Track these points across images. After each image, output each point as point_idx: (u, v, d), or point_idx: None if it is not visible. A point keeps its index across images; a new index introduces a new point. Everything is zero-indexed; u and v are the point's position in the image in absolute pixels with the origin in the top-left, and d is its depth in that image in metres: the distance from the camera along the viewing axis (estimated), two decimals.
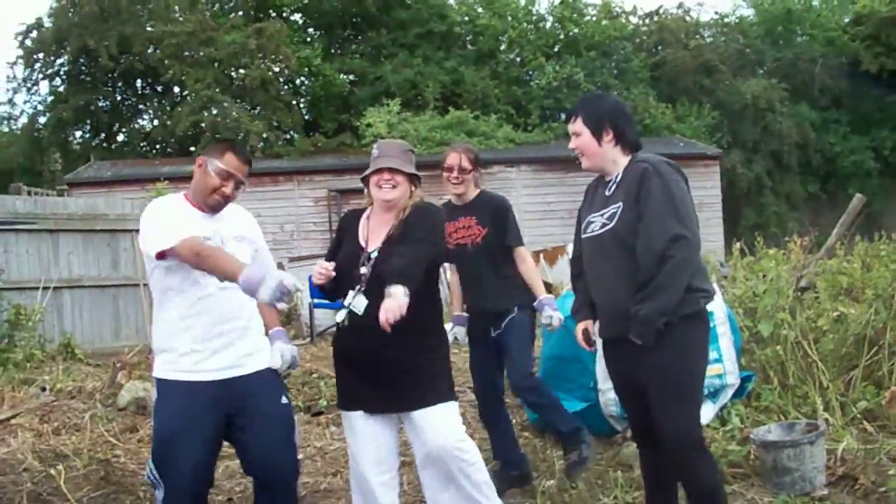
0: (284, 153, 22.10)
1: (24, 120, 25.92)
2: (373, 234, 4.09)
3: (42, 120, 25.17)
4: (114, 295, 11.98)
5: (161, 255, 3.68)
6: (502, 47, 27.02)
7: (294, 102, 25.50)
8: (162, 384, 3.87)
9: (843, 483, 4.83)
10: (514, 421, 5.86)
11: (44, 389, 7.94)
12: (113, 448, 6.20)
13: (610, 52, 26.56)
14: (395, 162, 4.05)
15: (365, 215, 4.19)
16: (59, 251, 11.54)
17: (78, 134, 26.40)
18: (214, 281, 3.72)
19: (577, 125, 3.84)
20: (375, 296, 3.76)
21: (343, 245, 4.16)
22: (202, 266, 3.61)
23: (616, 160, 3.82)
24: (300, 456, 6.10)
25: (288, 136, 24.34)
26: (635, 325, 3.58)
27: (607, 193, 3.82)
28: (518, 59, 26.82)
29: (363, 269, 3.97)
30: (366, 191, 4.20)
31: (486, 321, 5.13)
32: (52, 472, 5.43)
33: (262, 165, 19.47)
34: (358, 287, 3.93)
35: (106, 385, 8.02)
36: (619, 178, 3.79)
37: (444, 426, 3.98)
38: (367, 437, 4.06)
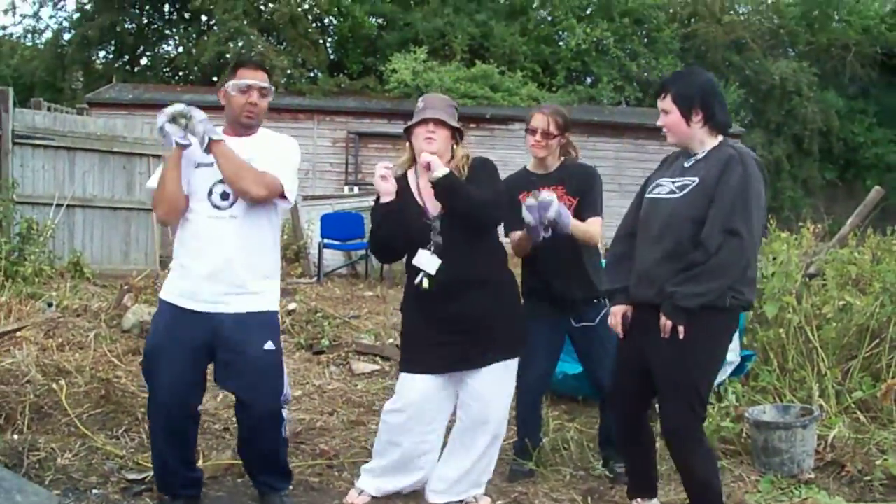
0: (307, 91, 22.00)
1: (48, 35, 25.80)
2: (428, 193, 4.16)
3: (66, 37, 25.02)
4: (126, 217, 12.01)
5: None
6: (534, 4, 26.72)
7: (321, 41, 25.35)
8: (160, 302, 4.05)
9: (830, 469, 4.89)
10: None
11: (50, 305, 8.01)
12: (115, 368, 6.27)
13: (642, 20, 26.24)
14: (441, 114, 4.11)
15: (410, 178, 4.26)
16: (74, 169, 11.55)
17: (101, 54, 26.31)
18: (206, 211, 3.87)
19: (667, 102, 3.75)
20: (446, 256, 4.05)
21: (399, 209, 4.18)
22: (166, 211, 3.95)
23: (703, 141, 3.76)
24: (297, 393, 6.22)
25: (312, 75, 24.21)
26: (667, 304, 3.59)
27: (686, 165, 3.76)
28: (549, 18, 26.53)
29: (432, 235, 4.10)
30: (406, 145, 4.24)
31: (567, 307, 4.69)
32: (55, 386, 5.50)
33: (284, 101, 19.43)
34: (430, 248, 4.07)
35: (112, 306, 8.09)
36: (703, 154, 3.74)
37: (494, 393, 4.24)
38: (420, 398, 4.21)
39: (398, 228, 4.13)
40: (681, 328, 3.58)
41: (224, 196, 3.90)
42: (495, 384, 4.23)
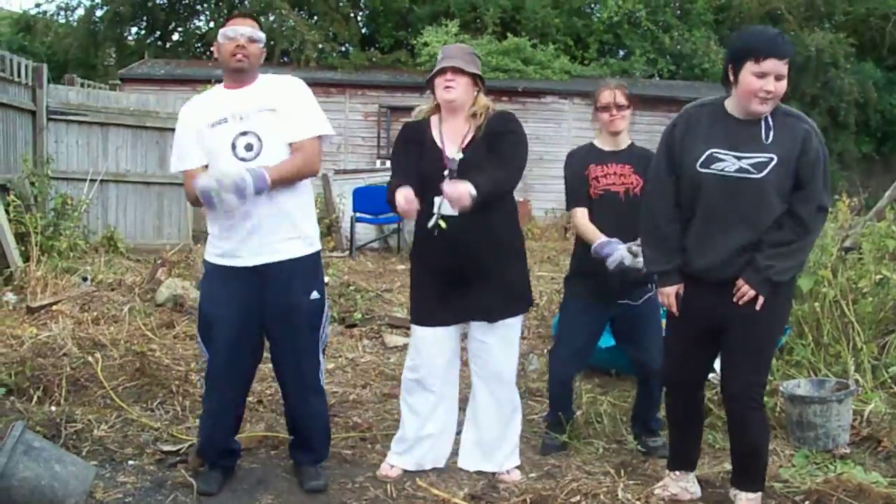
0: (339, 65, 21.97)
1: (80, 12, 25.89)
2: (449, 138, 4.18)
3: (99, 13, 25.10)
4: (158, 192, 12.10)
5: None
6: None
7: (352, 15, 25.29)
8: (205, 264, 4.08)
9: (866, 444, 4.84)
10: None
11: (85, 279, 8.11)
12: (149, 342, 6.34)
13: None
14: (458, 62, 4.13)
15: (433, 124, 4.25)
16: (108, 145, 11.65)
17: (133, 30, 26.37)
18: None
19: (785, 67, 3.56)
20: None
21: (414, 154, 4.20)
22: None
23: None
24: (330, 366, 6.25)
25: (343, 49, 24.18)
26: (757, 276, 3.57)
27: (763, 139, 3.59)
28: None
29: (447, 173, 4.08)
30: (430, 96, 4.25)
31: (617, 290, 4.60)
32: (90, 359, 5.57)
33: (315, 76, 19.40)
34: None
35: (146, 280, 8.17)
36: (770, 124, 3.60)
37: (503, 348, 4.30)
38: (434, 351, 4.28)
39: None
40: (761, 299, 3.58)
41: (248, 147, 3.89)
42: (503, 338, 4.29)
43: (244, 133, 3.88)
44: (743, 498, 3.76)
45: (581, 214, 4.65)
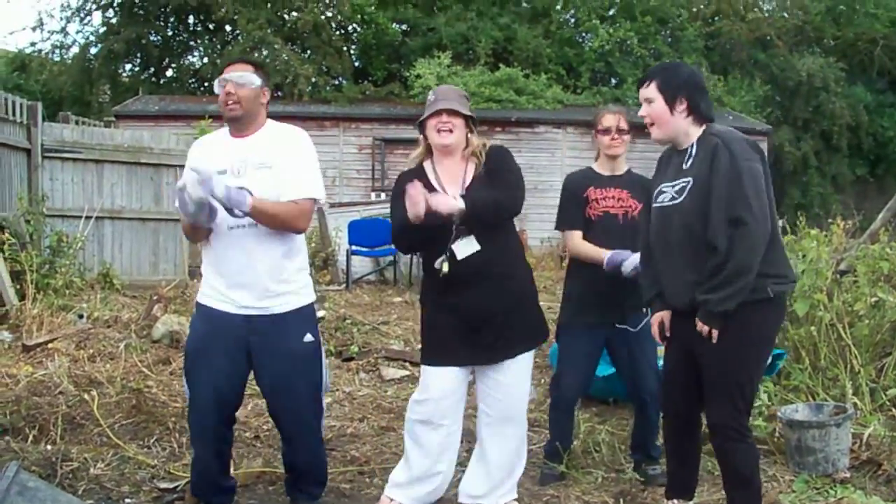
0: (332, 99, 22.06)
1: (75, 50, 25.99)
2: (447, 181, 4.18)
3: (93, 51, 25.20)
4: (154, 229, 12.09)
5: None
6: (557, 6, 26.63)
7: (345, 48, 25.41)
8: (197, 305, 4.07)
9: (866, 468, 4.83)
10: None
11: (81, 317, 8.07)
12: (146, 378, 6.30)
13: (665, 19, 26.09)
14: (454, 104, 4.14)
15: (428, 166, 4.23)
16: (102, 182, 11.64)
17: (128, 67, 26.46)
18: (227, 221, 3.86)
19: (651, 91, 3.75)
20: (478, 234, 4.07)
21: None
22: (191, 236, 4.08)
23: (688, 132, 3.75)
24: (327, 400, 6.22)
25: (337, 82, 24.28)
26: (702, 312, 3.60)
27: (684, 166, 3.73)
28: (572, 20, 26.47)
29: (455, 224, 4.06)
30: (420, 138, 4.27)
31: (614, 314, 4.69)
32: (86, 397, 5.55)
33: (309, 110, 19.52)
34: (454, 232, 4.06)
35: (142, 317, 8.14)
36: (693, 150, 3.71)
37: (518, 385, 4.27)
38: (446, 389, 4.21)
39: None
40: (715, 333, 3.59)
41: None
42: (518, 375, 4.26)
43: (240, 189, 3.85)
44: None
45: (578, 237, 4.72)
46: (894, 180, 21.12)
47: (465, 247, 4.08)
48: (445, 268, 4.07)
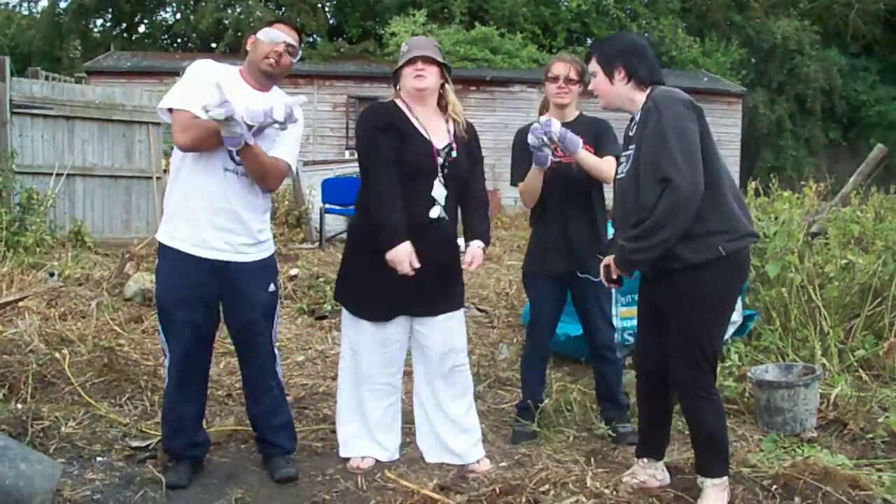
0: (306, 56, 21.87)
1: (44, 3, 25.66)
2: (430, 130, 4.24)
3: (63, 5, 24.89)
4: (126, 186, 12.02)
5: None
6: None
7: (320, 5, 25.21)
8: (164, 249, 4.02)
9: (832, 427, 4.89)
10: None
11: (52, 275, 8.02)
12: (117, 337, 6.28)
13: None
14: (429, 52, 4.21)
15: (406, 110, 4.25)
16: (73, 138, 11.53)
17: (99, 22, 26.22)
18: (223, 164, 3.89)
19: (592, 64, 3.81)
20: (451, 188, 4.19)
21: (395, 140, 4.16)
22: (192, 143, 3.82)
23: (633, 98, 3.73)
24: (300, 358, 6.24)
25: (311, 40, 24.09)
26: (617, 256, 3.71)
27: (630, 133, 3.77)
28: None
29: (440, 161, 4.19)
30: (395, 86, 4.31)
31: (576, 259, 4.68)
32: (57, 355, 5.51)
33: None
34: (439, 180, 4.17)
35: (113, 275, 8.10)
36: (637, 116, 3.72)
37: (458, 331, 4.38)
38: (387, 340, 4.31)
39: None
40: (613, 283, 3.85)
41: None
42: (452, 329, 4.34)
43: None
44: (708, 484, 3.77)
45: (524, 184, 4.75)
46: (867, 144, 21.20)
47: (442, 192, 4.19)
48: (442, 214, 4.19)
